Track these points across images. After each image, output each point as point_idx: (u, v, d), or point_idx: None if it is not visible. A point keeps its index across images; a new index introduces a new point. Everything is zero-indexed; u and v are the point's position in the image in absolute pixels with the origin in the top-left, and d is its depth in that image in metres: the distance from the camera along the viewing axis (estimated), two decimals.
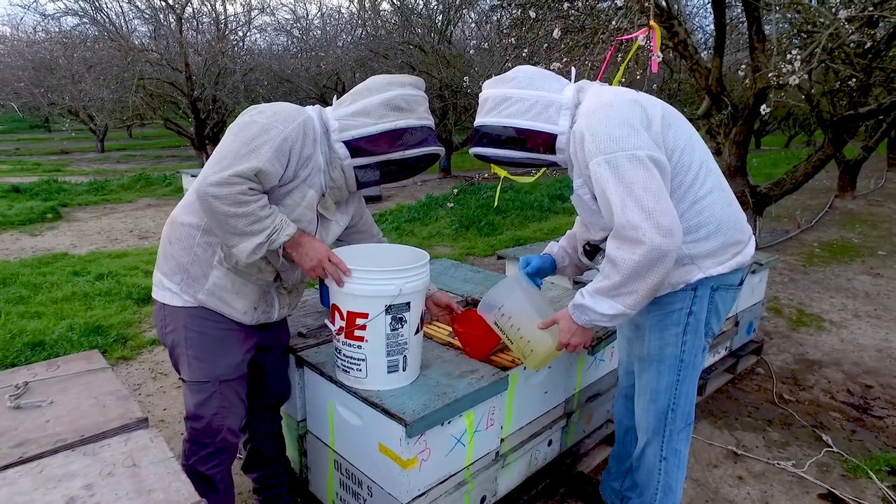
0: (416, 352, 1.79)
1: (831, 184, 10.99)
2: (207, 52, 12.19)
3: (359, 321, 1.67)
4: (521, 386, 2.01)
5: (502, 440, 2.00)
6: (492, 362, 2.03)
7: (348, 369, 1.75)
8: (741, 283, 1.78)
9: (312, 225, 1.71)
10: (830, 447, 2.75)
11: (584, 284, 1.85)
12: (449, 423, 1.72)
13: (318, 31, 15.71)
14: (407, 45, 12.43)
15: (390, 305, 1.65)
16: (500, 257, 3.52)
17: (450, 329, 2.14)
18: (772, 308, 4.64)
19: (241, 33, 13.93)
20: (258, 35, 15.97)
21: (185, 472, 1.80)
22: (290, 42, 15.68)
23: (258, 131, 1.53)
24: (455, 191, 5.86)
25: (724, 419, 2.99)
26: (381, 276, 1.63)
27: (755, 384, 3.41)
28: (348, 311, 1.68)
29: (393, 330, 1.68)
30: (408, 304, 1.68)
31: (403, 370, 1.75)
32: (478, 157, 1.80)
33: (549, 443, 2.29)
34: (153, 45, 12.31)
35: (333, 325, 1.75)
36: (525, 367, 1.94)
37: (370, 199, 9.77)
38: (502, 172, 3.13)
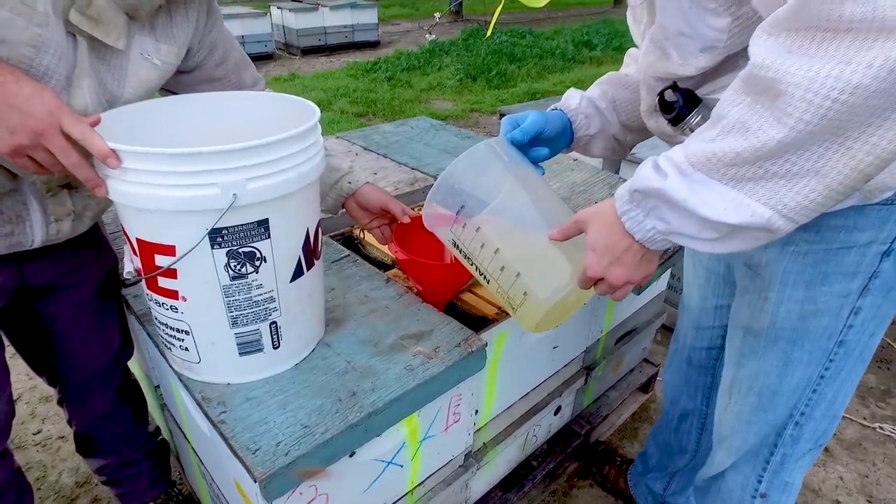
0: (304, 310, 0.91)
1: None
2: None
3: (159, 260, 0.78)
4: (511, 348, 1.16)
5: (478, 431, 1.21)
6: (462, 306, 1.17)
7: (170, 345, 0.90)
8: None
9: (50, 55, 0.75)
10: None
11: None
12: (364, 446, 0.90)
13: None
14: None
15: (219, 230, 0.74)
16: (502, 115, 2.51)
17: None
18: None
19: None
20: None
21: None
22: None
23: None
24: (437, 15, 4.54)
25: None
26: (190, 164, 0.70)
27: None
28: (138, 240, 0.79)
29: (236, 277, 0.80)
30: (263, 222, 0.77)
31: (274, 347, 0.89)
32: None
33: (557, 411, 1.50)
34: None
35: (131, 262, 0.86)
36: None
37: (365, 45, 8.31)
38: None
